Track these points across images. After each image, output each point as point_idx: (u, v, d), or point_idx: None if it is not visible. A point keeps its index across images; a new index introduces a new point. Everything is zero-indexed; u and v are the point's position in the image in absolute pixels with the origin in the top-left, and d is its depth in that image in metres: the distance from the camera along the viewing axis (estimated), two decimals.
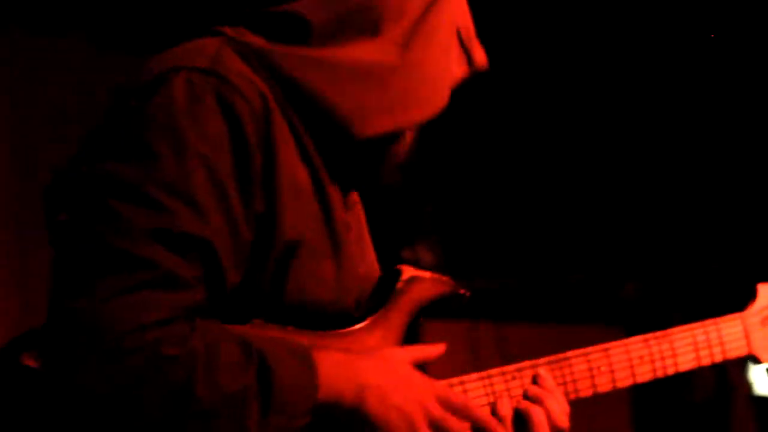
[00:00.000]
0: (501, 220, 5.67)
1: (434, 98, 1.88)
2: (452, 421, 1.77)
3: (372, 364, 1.74)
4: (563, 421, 1.95)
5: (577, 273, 5.91)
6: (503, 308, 5.68)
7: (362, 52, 1.81)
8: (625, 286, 6.02)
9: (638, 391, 5.99)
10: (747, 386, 5.98)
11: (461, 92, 1.96)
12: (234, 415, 1.58)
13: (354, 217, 1.96)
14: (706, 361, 2.15)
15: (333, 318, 1.80)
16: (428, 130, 1.97)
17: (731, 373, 5.96)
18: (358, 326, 1.83)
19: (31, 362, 1.70)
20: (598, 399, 2.03)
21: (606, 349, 2.05)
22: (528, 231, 5.73)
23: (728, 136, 5.36)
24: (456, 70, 1.93)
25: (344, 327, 1.82)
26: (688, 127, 5.37)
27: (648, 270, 5.98)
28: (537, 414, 1.93)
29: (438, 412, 1.76)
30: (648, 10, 4.77)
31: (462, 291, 1.93)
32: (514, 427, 1.94)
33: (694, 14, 4.78)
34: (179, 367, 1.56)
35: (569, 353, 2.03)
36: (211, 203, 1.63)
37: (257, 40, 1.79)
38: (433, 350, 1.86)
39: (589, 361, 2.03)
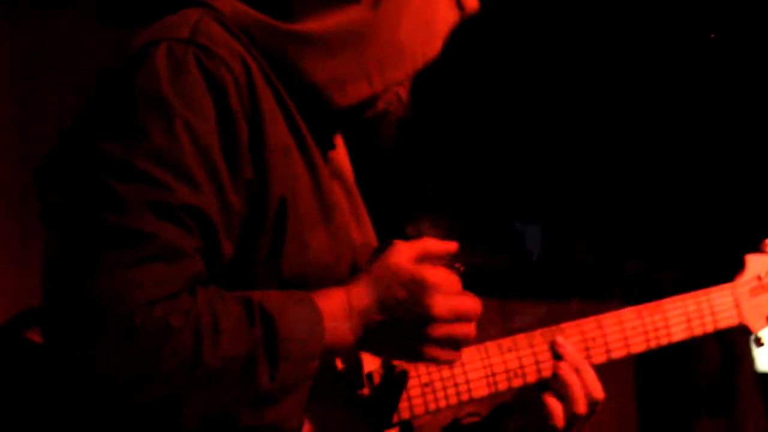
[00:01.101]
0: (505, 195, 5.67)
1: (418, 52, 1.87)
2: (456, 328, 1.76)
3: (369, 289, 1.74)
4: (598, 390, 1.97)
5: (580, 248, 5.91)
6: (508, 283, 5.68)
7: (336, 21, 1.81)
8: (628, 261, 6.02)
9: (643, 367, 5.99)
10: (753, 362, 5.97)
11: (466, 71, 1.94)
12: (244, 374, 1.59)
13: (345, 187, 1.97)
14: (698, 331, 2.15)
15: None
16: (429, 106, 1.96)
17: (737, 348, 5.95)
18: None
19: (35, 337, 1.72)
20: (602, 376, 2.03)
21: (598, 320, 2.05)
22: (532, 207, 5.73)
23: (726, 114, 5.37)
24: (448, 15, 1.92)
25: None
26: (687, 106, 5.37)
27: (651, 246, 5.98)
28: (575, 385, 1.95)
29: (442, 328, 1.74)
30: None
31: (457, 265, 1.93)
32: (544, 400, 1.96)
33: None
34: (187, 337, 1.56)
35: (563, 325, 2.04)
36: (200, 172, 1.63)
37: (240, 8, 1.80)
38: (439, 244, 1.84)
39: (582, 332, 2.03)
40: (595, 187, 5.72)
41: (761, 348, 2.24)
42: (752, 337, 2.22)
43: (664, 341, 2.11)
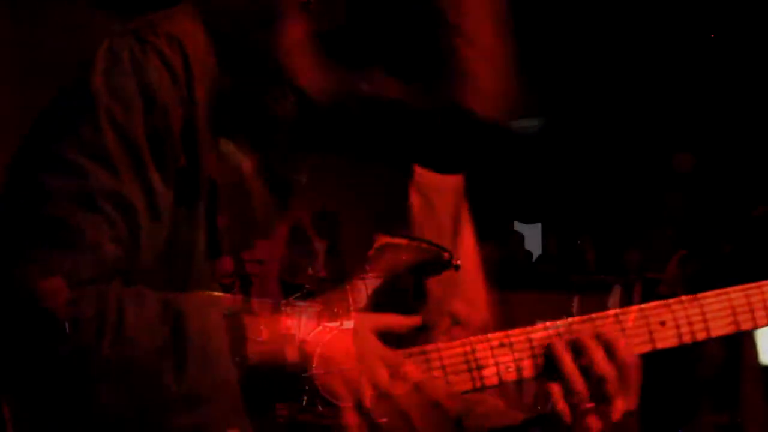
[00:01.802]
0: (505, 190, 5.67)
1: None
2: (397, 387, 1.70)
3: (325, 330, 1.70)
4: (605, 367, 1.83)
5: (581, 243, 5.92)
6: (508, 277, 5.68)
7: None
8: (628, 256, 6.04)
9: (644, 364, 5.97)
10: (756, 355, 5.95)
11: None
12: (149, 371, 1.58)
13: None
14: (746, 326, 1.93)
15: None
16: None
17: (740, 345, 5.94)
18: (327, 292, 1.79)
19: None
20: None
21: (617, 315, 1.88)
22: (533, 203, 5.74)
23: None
24: None
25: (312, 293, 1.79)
26: (689, 104, 5.39)
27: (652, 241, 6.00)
28: (563, 358, 1.82)
29: (383, 378, 1.69)
30: None
31: (447, 257, 1.88)
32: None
33: None
34: (89, 329, 1.57)
35: (571, 320, 1.87)
36: (123, 160, 1.67)
37: None
38: (402, 320, 1.80)
39: (595, 326, 1.86)
40: (596, 182, 5.73)
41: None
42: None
43: (701, 336, 1.91)
